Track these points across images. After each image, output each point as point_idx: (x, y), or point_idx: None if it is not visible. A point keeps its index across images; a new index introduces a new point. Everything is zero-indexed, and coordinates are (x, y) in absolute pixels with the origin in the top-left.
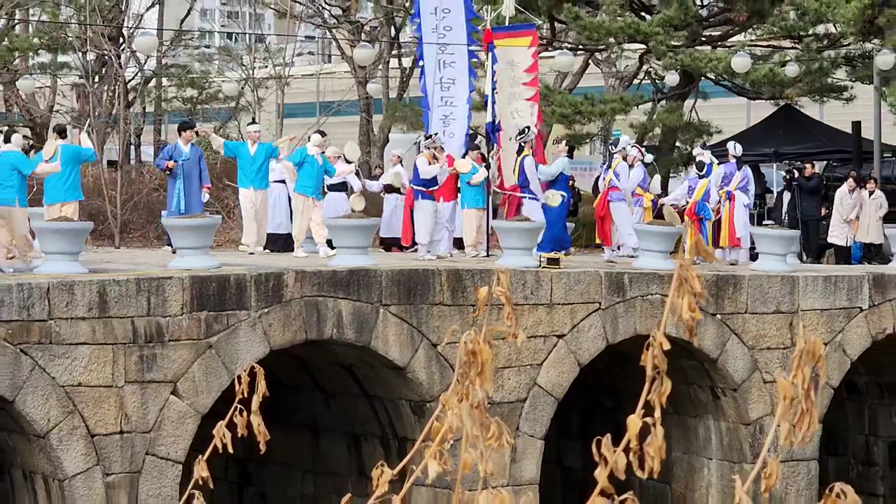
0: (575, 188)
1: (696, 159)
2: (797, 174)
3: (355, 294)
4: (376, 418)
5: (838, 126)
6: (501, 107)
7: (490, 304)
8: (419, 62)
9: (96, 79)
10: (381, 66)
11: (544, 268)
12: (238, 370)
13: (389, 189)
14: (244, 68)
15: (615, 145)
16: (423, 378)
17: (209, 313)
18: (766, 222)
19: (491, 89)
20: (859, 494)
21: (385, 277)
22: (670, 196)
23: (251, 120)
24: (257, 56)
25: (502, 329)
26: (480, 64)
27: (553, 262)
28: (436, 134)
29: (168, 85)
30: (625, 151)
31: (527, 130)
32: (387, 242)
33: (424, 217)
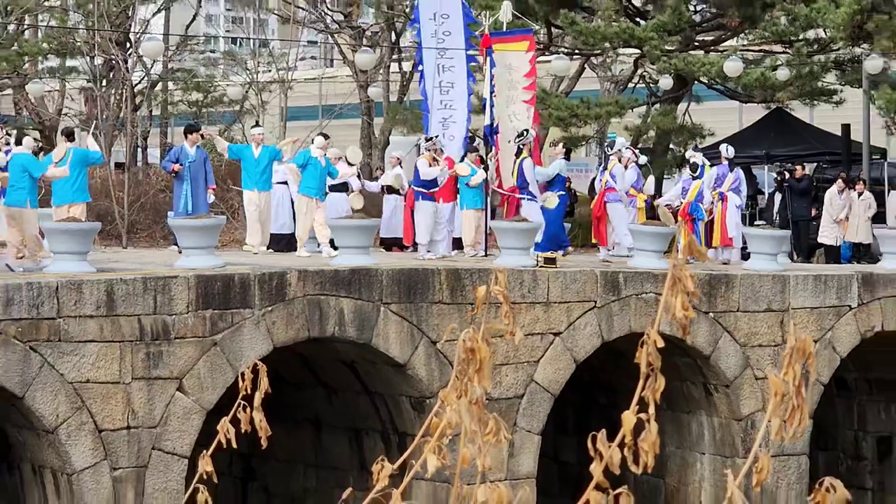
0: (571, 189)
1: (690, 161)
2: (788, 176)
3: (357, 293)
4: (377, 414)
5: (828, 129)
6: (499, 110)
7: (488, 303)
8: (419, 66)
9: (104, 83)
10: (382, 71)
11: (541, 267)
12: (242, 367)
13: (389, 190)
14: (248, 72)
15: (611, 147)
16: (423, 375)
17: (214, 311)
18: (758, 222)
19: (489, 93)
20: (848, 488)
21: (386, 276)
22: (664, 197)
23: (255, 123)
24: (261, 60)
25: (500, 327)
26: (479, 68)
27: (550, 262)
28: (436, 136)
29: (174, 89)
30: (620, 153)
31: (525, 133)
32: (387, 242)
33: (424, 217)
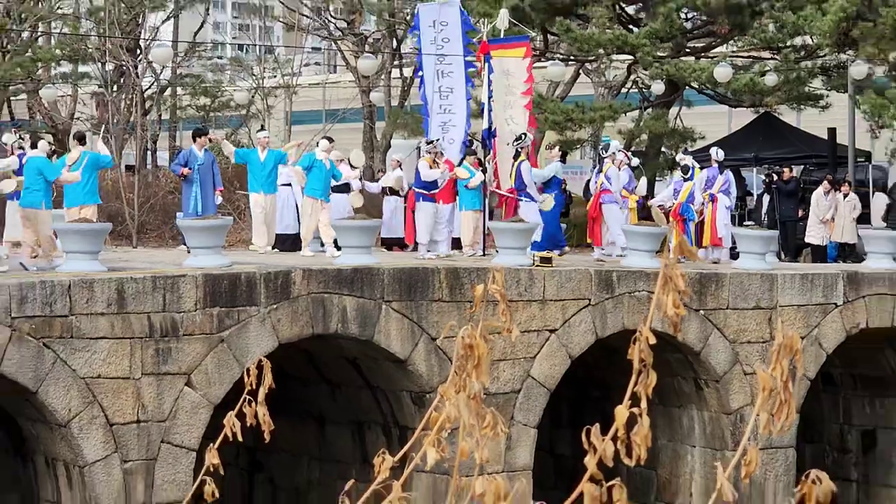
0: (567, 191)
1: (681, 164)
2: (776, 178)
3: (359, 291)
4: (379, 408)
5: (815, 132)
6: (497, 114)
7: (486, 301)
8: (419, 72)
9: (115, 88)
10: (384, 76)
11: (537, 266)
12: (248, 363)
13: (390, 191)
14: (254, 78)
15: (606, 150)
16: (423, 370)
17: (221, 309)
18: (747, 223)
19: (487, 98)
20: (834, 480)
21: (387, 275)
22: (657, 198)
23: (260, 127)
24: (267, 66)
25: (498, 324)
26: (477, 73)
27: (546, 261)
28: (437, 140)
29: (182, 94)
30: (614, 156)
31: (523, 137)
32: (388, 243)
33: (425, 218)
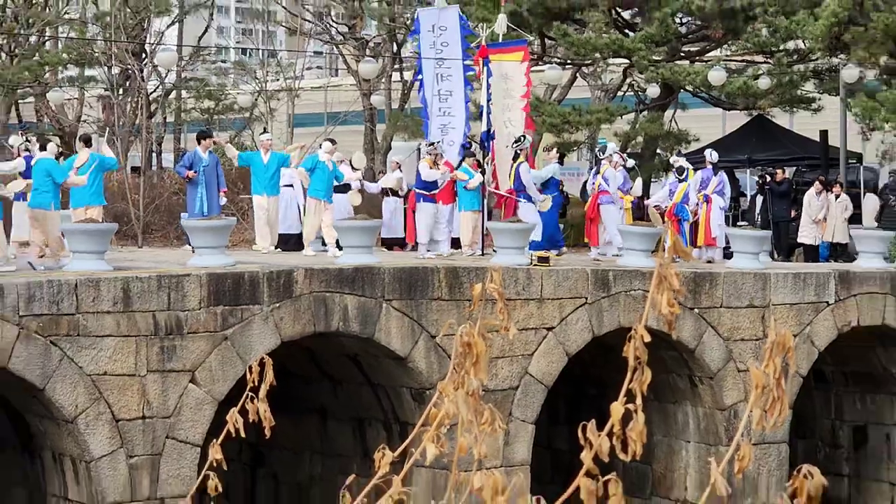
0: (564, 192)
1: (676, 165)
2: (769, 179)
3: (360, 290)
4: (379, 404)
5: (807, 135)
6: (496, 117)
7: (484, 300)
8: (418, 76)
9: (121, 91)
10: (384, 80)
11: (535, 265)
12: (252, 360)
13: (391, 192)
14: (257, 81)
15: (603, 152)
16: (423, 367)
17: (225, 307)
18: (741, 223)
19: (486, 100)
20: (825, 475)
21: (388, 274)
22: (653, 198)
23: (263, 129)
24: (269, 70)
25: (496, 323)
26: (475, 77)
27: (543, 261)
28: (438, 142)
29: (187, 97)
30: (612, 158)
31: (523, 139)
32: (388, 243)
33: (425, 218)
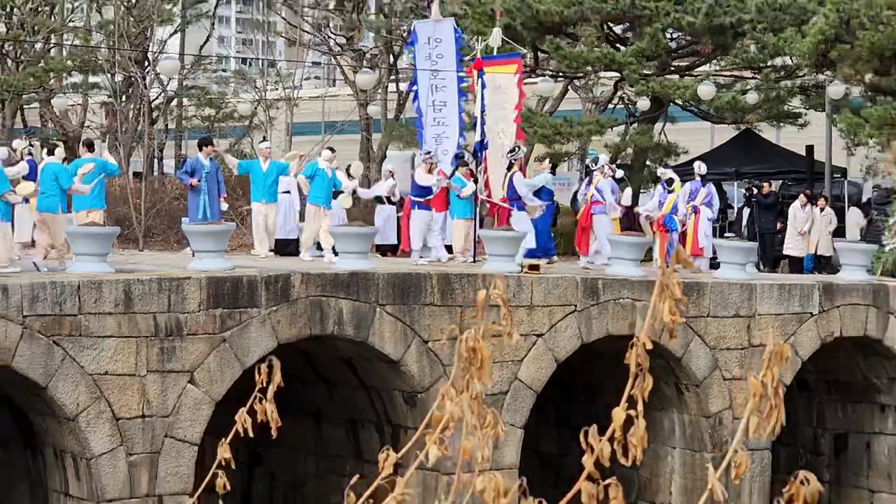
0: (555, 201)
1: (666, 177)
2: (756, 192)
3: (355, 294)
4: (372, 407)
5: (793, 149)
6: (490, 127)
7: (473, 305)
8: (413, 86)
9: (123, 98)
10: (381, 90)
11: (525, 273)
12: (249, 362)
13: (387, 201)
14: (257, 90)
15: (595, 163)
16: (415, 371)
17: (223, 310)
18: (728, 235)
19: (480, 111)
20: None
21: (382, 280)
22: (643, 207)
23: (262, 138)
24: (269, 79)
25: (498, 328)
26: (469, 88)
27: (533, 268)
28: (432, 152)
29: (188, 104)
30: (604, 169)
31: (517, 149)
32: (381, 249)
33: (419, 225)
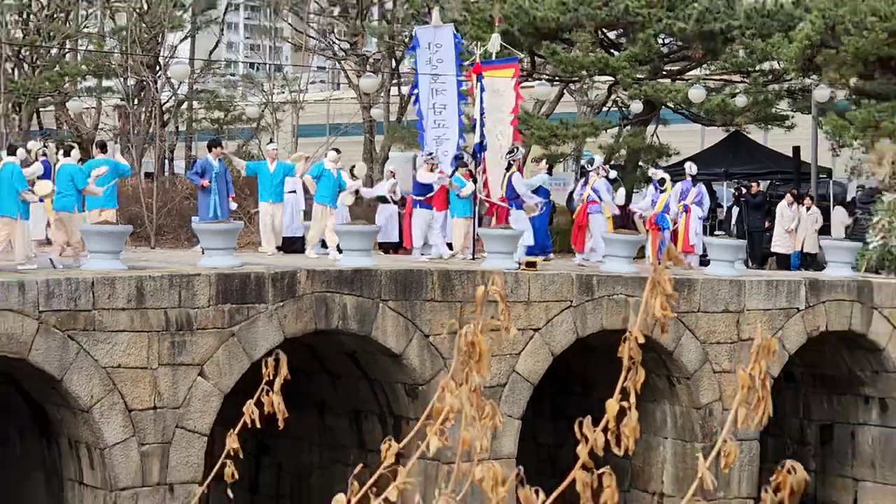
0: (551, 201)
1: (658, 177)
2: (744, 191)
3: (358, 290)
4: (375, 399)
5: (780, 150)
6: (488, 129)
7: (473, 300)
8: (414, 90)
9: (136, 101)
10: (383, 94)
11: (523, 270)
12: (257, 356)
13: (391, 201)
14: (264, 94)
15: (591, 164)
16: (416, 364)
17: (232, 306)
18: (717, 233)
19: (479, 114)
20: None
21: (384, 276)
22: (636, 206)
23: (269, 139)
24: (276, 83)
25: (496, 323)
26: (468, 92)
27: (530, 265)
28: (433, 153)
29: (198, 107)
30: (599, 170)
31: (515, 150)
32: (384, 246)
33: (420, 223)
